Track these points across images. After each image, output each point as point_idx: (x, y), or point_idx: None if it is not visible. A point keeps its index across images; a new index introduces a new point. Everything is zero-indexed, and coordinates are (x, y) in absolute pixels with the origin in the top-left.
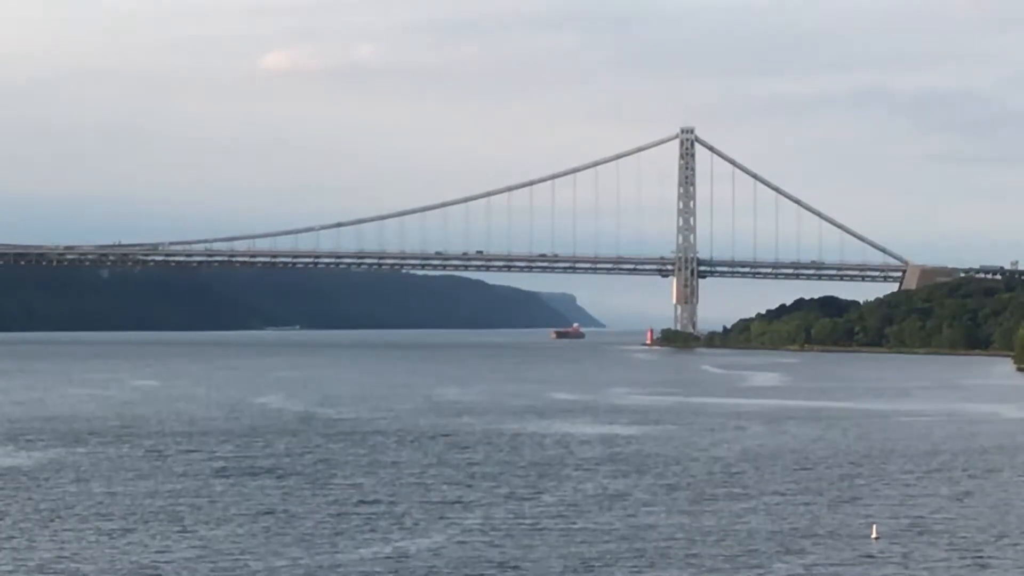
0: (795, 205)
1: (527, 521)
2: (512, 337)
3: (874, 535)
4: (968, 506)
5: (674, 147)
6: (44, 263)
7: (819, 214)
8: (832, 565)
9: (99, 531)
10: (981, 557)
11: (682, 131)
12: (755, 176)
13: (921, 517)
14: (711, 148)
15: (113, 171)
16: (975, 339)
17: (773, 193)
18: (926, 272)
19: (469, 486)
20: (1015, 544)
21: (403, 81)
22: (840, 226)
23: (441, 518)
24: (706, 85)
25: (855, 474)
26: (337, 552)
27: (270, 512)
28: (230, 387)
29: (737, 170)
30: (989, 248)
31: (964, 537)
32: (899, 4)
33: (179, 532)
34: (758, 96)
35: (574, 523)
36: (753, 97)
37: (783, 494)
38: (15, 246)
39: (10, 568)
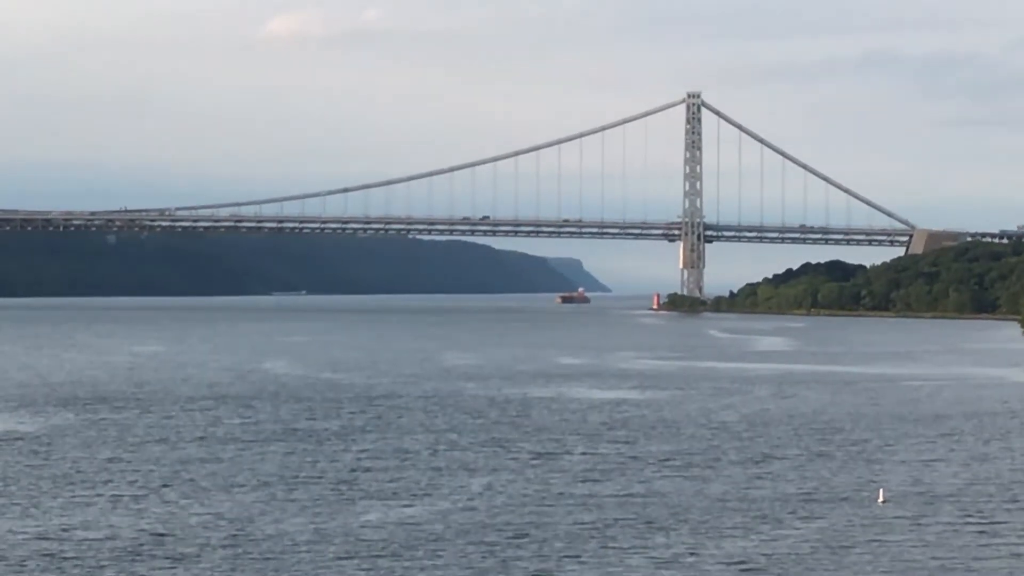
0: (802, 169)
1: (536, 487)
2: (518, 302)
3: (881, 499)
4: (976, 470)
5: (680, 112)
6: (50, 228)
7: (826, 178)
8: (838, 530)
9: (106, 497)
10: (989, 522)
11: (688, 95)
12: (762, 140)
13: (928, 482)
14: (717, 112)
15: (119, 137)
16: (982, 303)
17: (780, 157)
18: (933, 236)
19: (478, 452)
20: (1023, 509)
21: (409, 46)
22: (846, 190)
23: (450, 483)
24: (712, 49)
25: (862, 438)
26: (346, 517)
27: (278, 477)
28: (236, 352)
29: (744, 135)
30: (996, 212)
31: (972, 501)
32: None
33: (187, 498)
34: (765, 60)
35: (583, 489)
36: (760, 61)
37: (791, 458)
38: (21, 211)
39: (19, 535)
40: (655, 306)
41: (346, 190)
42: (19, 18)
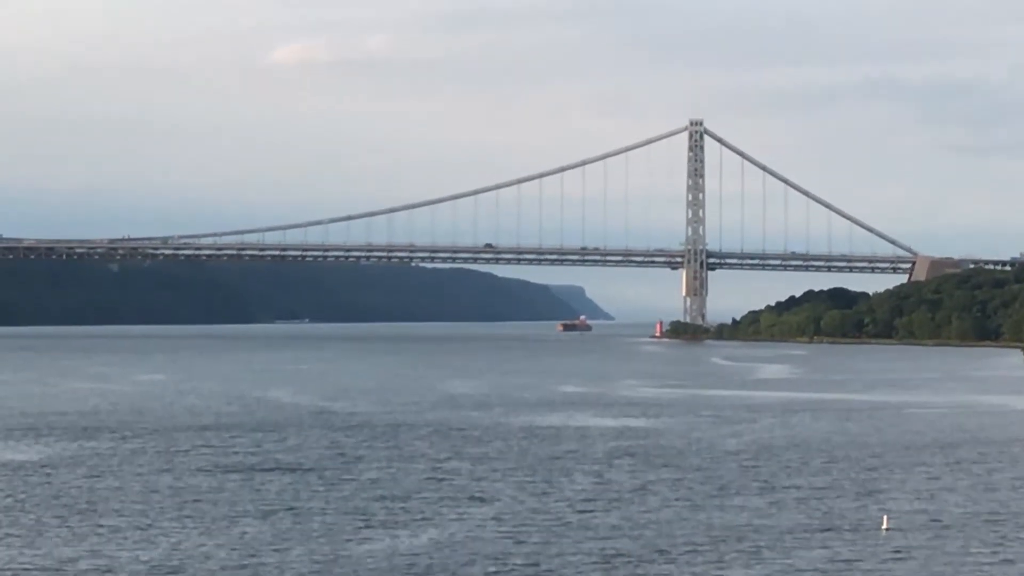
0: (804, 197)
1: (543, 515)
2: (519, 330)
3: (885, 527)
4: (980, 499)
5: (683, 139)
6: (53, 257)
7: (828, 205)
8: (843, 558)
9: (108, 527)
10: (994, 550)
11: (691, 123)
12: (764, 168)
13: (933, 510)
14: (720, 140)
15: (122, 165)
16: (985, 330)
17: (782, 185)
18: (935, 263)
19: (483, 479)
20: None
21: (413, 73)
22: (849, 217)
23: (454, 513)
24: (714, 77)
25: (866, 466)
26: (351, 545)
27: (283, 506)
28: (240, 381)
29: (746, 162)
30: (999, 239)
31: (976, 530)
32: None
33: (190, 528)
34: (767, 88)
35: (589, 517)
36: (762, 89)
37: (795, 487)
38: (25, 240)
39: (22, 563)
40: (658, 334)
41: (349, 218)
42: (23, 44)
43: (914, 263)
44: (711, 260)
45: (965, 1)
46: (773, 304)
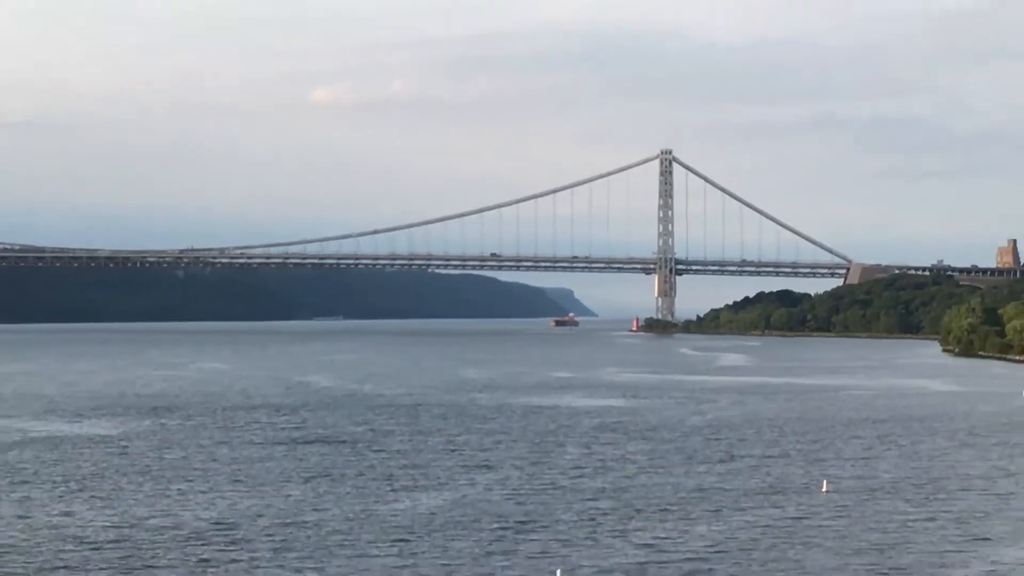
0: (757, 214)
1: (539, 480)
2: (518, 325)
3: (825, 489)
4: (905, 466)
5: (655, 166)
6: (129, 265)
7: (777, 221)
8: (789, 516)
9: (176, 491)
10: (918, 509)
11: (662, 152)
12: (723, 190)
13: (866, 475)
14: (686, 167)
15: (188, 187)
16: (908, 325)
17: (738, 204)
18: (866, 269)
19: (489, 450)
20: (949, 497)
21: (429, 112)
22: (795, 231)
23: (464, 478)
24: (682, 114)
25: (809, 439)
26: (379, 505)
27: (321, 473)
28: (284, 368)
29: (708, 185)
30: (920, 249)
31: (902, 491)
32: (849, 44)
33: (245, 491)
34: (727, 123)
35: (578, 482)
36: (722, 124)
37: (750, 456)
38: (104, 250)
39: (105, 521)
40: (634, 328)
41: (376, 232)
42: (117, 87)
43: (848, 269)
44: (679, 266)
45: (898, 51)
46: (731, 303)
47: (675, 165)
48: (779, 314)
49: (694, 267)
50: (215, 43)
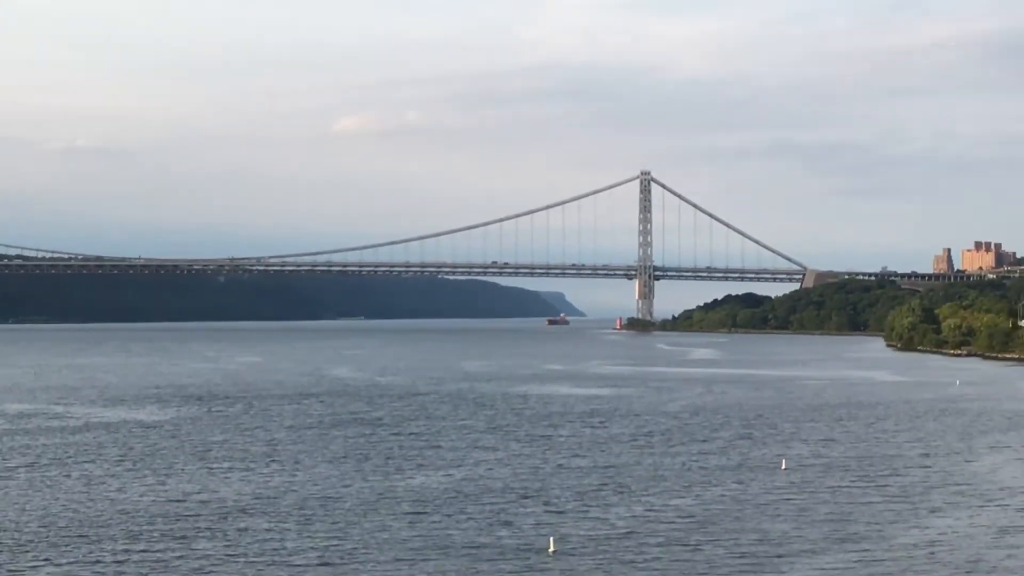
0: (724, 227)
1: (535, 459)
2: (517, 324)
3: (784, 467)
4: (855, 446)
5: (635, 185)
6: (177, 272)
7: (742, 233)
8: (752, 491)
9: (219, 469)
10: (869, 484)
11: (641, 173)
12: (695, 206)
13: (821, 455)
14: (663, 185)
15: (232, 205)
16: (856, 324)
17: (708, 218)
18: (820, 275)
19: (491, 433)
20: (893, 473)
21: (439, 139)
22: (757, 241)
23: (470, 457)
24: (658, 140)
25: (770, 423)
26: (397, 480)
27: (346, 453)
28: (312, 361)
29: (682, 202)
30: (866, 257)
31: (852, 469)
32: (801, 80)
33: (279, 469)
34: (696, 148)
35: (569, 460)
36: (693, 149)
37: (719, 438)
38: (156, 259)
39: (155, 496)
40: (618, 327)
41: (392, 243)
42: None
43: (804, 275)
44: (656, 273)
45: (842, 87)
46: (702, 305)
47: (653, 185)
48: (744, 314)
49: (670, 273)
50: (256, 80)
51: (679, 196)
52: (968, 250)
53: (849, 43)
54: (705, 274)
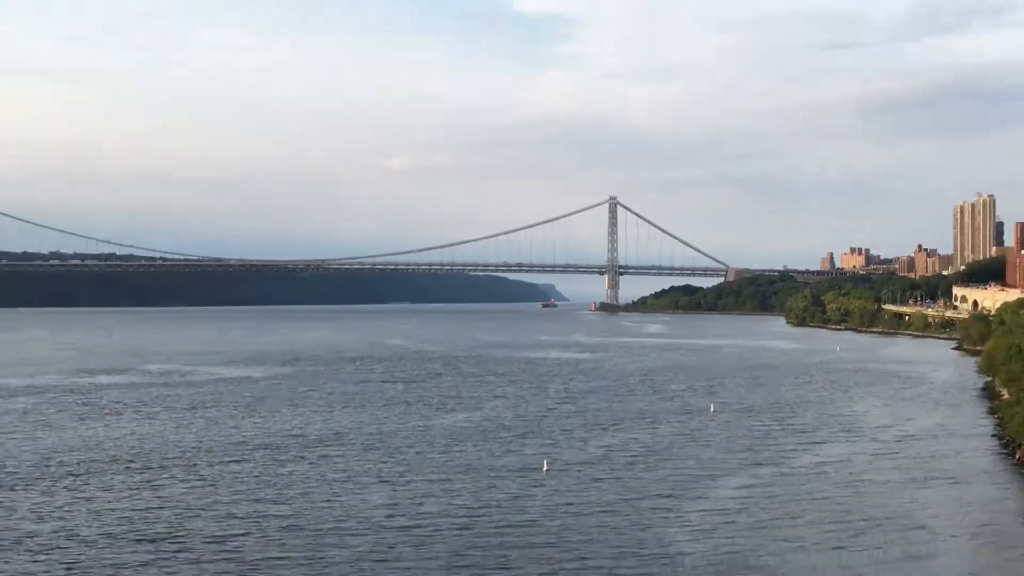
0: (670, 237)
1: (533, 406)
2: (519, 308)
3: (712, 410)
4: (758, 394)
5: (606, 207)
6: (277, 269)
7: (683, 241)
8: (690, 427)
9: (304, 413)
10: (778, 422)
11: (610, 198)
12: (649, 222)
13: (743, 401)
14: (626, 207)
15: (312, 222)
16: (765, 307)
17: (658, 231)
18: (738, 272)
19: (501, 386)
20: (793, 415)
21: (463, 174)
22: (693, 247)
23: (486, 403)
24: (623, 174)
25: (704, 379)
26: (436, 419)
27: (397, 400)
28: (371, 333)
29: (640, 219)
30: (772, 258)
31: (766, 411)
32: (729, 129)
33: (348, 413)
34: (651, 180)
35: (559, 407)
36: (648, 180)
37: (668, 391)
38: (262, 260)
39: (259, 432)
40: (593, 309)
41: (430, 248)
42: (264, 158)
43: (727, 271)
44: (621, 270)
45: (763, 133)
46: (654, 293)
47: (618, 207)
48: (684, 300)
49: (630, 270)
50: (336, 133)
51: (637, 215)
52: (845, 253)
53: (765, 103)
54: (656, 271)
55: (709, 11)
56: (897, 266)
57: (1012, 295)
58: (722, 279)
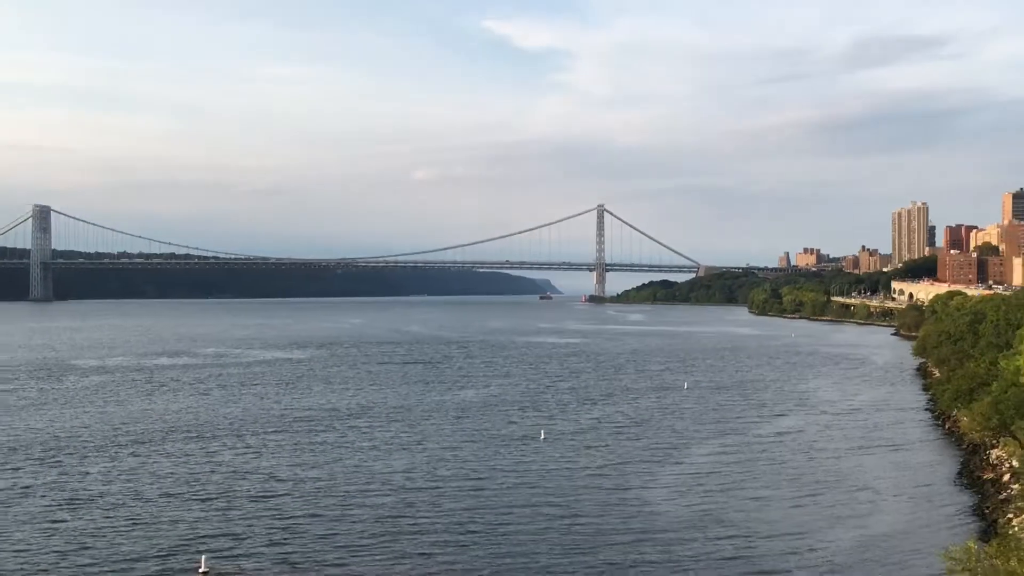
0: (650, 239)
1: (533, 383)
2: (520, 300)
3: (686, 386)
4: (732, 373)
5: (595, 213)
6: (313, 266)
7: (660, 243)
8: (667, 401)
9: (336, 389)
10: (745, 398)
11: (598, 206)
12: (631, 226)
13: (701, 379)
14: (612, 213)
15: (346, 225)
16: (731, 299)
17: (639, 234)
18: (708, 269)
19: (506, 366)
20: (756, 391)
21: (475, 184)
22: (669, 248)
23: (493, 380)
24: (608, 185)
25: (679, 359)
26: (449, 394)
27: (417, 380)
28: (394, 322)
29: (623, 223)
30: (736, 257)
31: (732, 389)
32: (696, 147)
33: (374, 389)
34: (634, 189)
35: (556, 384)
36: (631, 190)
37: (648, 370)
38: (303, 259)
39: (296, 406)
40: (583, 301)
41: (445, 248)
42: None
43: (698, 268)
44: (607, 267)
45: (720, 151)
46: (635, 287)
47: (606, 213)
48: (661, 293)
49: (615, 267)
50: (369, 148)
51: (621, 220)
52: (800, 253)
53: (723, 125)
54: (637, 268)
55: (678, 48)
56: (844, 263)
57: (942, 289)
58: (694, 275)
